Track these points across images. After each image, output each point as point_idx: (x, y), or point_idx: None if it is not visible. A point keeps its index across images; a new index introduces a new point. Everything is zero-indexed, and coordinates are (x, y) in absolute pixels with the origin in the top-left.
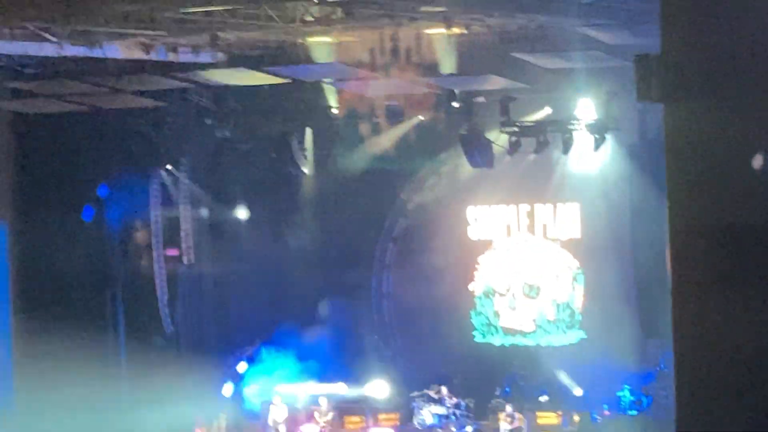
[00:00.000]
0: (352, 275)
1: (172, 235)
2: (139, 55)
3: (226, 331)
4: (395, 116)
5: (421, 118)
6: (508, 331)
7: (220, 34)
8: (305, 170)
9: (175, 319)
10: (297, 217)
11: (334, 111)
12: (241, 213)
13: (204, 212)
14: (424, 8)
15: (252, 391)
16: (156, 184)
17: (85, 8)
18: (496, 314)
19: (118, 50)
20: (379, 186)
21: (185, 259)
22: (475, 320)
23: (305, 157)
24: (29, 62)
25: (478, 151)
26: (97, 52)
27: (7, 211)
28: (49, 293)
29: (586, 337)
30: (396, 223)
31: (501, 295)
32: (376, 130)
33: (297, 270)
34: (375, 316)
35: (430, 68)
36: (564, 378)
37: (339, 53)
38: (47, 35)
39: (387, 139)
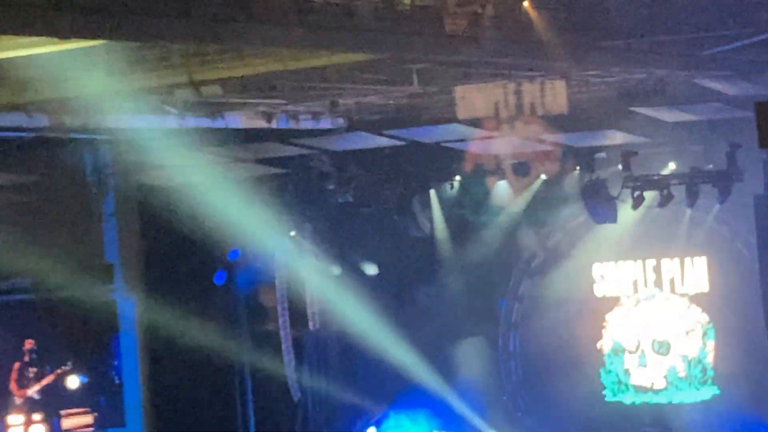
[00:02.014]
0: (479, 335)
1: (297, 300)
2: (260, 124)
3: (353, 395)
4: (515, 175)
5: (542, 175)
6: (639, 389)
7: (339, 100)
8: (428, 232)
9: (303, 385)
10: (421, 279)
11: (455, 171)
12: (366, 276)
13: (328, 276)
14: (541, 67)
15: None
16: (280, 250)
17: (206, 80)
18: (627, 372)
19: (239, 120)
20: (502, 244)
21: (311, 324)
22: (605, 378)
23: (428, 219)
24: (152, 135)
25: (601, 206)
26: (218, 123)
27: (135, 285)
28: (178, 360)
29: (719, 392)
30: (521, 282)
31: (630, 352)
32: (497, 189)
33: (422, 332)
34: (503, 375)
35: (549, 125)
36: None
37: (457, 114)
38: (169, 107)
39: (508, 198)
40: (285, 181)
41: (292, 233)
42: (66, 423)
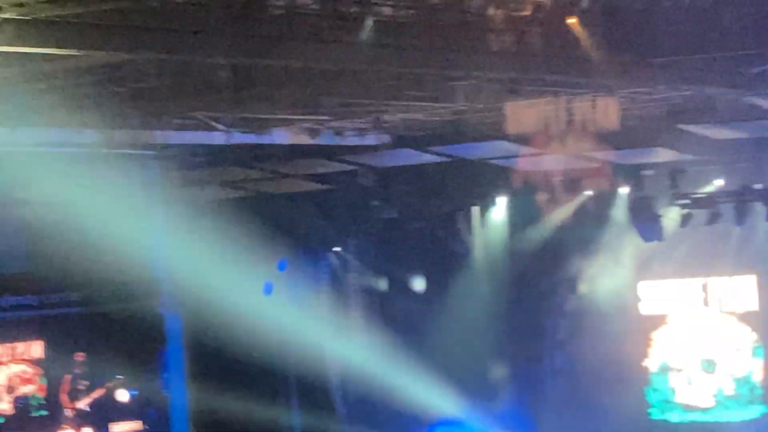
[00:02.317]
0: (524, 352)
1: (341, 314)
2: (306, 140)
3: (397, 411)
4: (562, 191)
5: (589, 192)
6: (686, 408)
7: (385, 116)
8: (472, 248)
9: (348, 400)
10: (466, 295)
11: (500, 188)
12: (410, 292)
13: (373, 292)
14: (588, 84)
15: None
16: (325, 266)
17: (252, 96)
18: (673, 390)
19: (285, 136)
20: (548, 262)
21: (355, 337)
22: (651, 397)
23: (472, 235)
24: (198, 151)
25: (649, 224)
26: (265, 139)
27: (182, 298)
28: (224, 372)
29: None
30: (567, 299)
31: (677, 370)
32: (544, 206)
33: (467, 348)
34: (549, 393)
35: (596, 142)
36: None
37: (503, 131)
38: (216, 124)
39: (555, 215)
40: (330, 196)
41: (337, 249)
42: None
